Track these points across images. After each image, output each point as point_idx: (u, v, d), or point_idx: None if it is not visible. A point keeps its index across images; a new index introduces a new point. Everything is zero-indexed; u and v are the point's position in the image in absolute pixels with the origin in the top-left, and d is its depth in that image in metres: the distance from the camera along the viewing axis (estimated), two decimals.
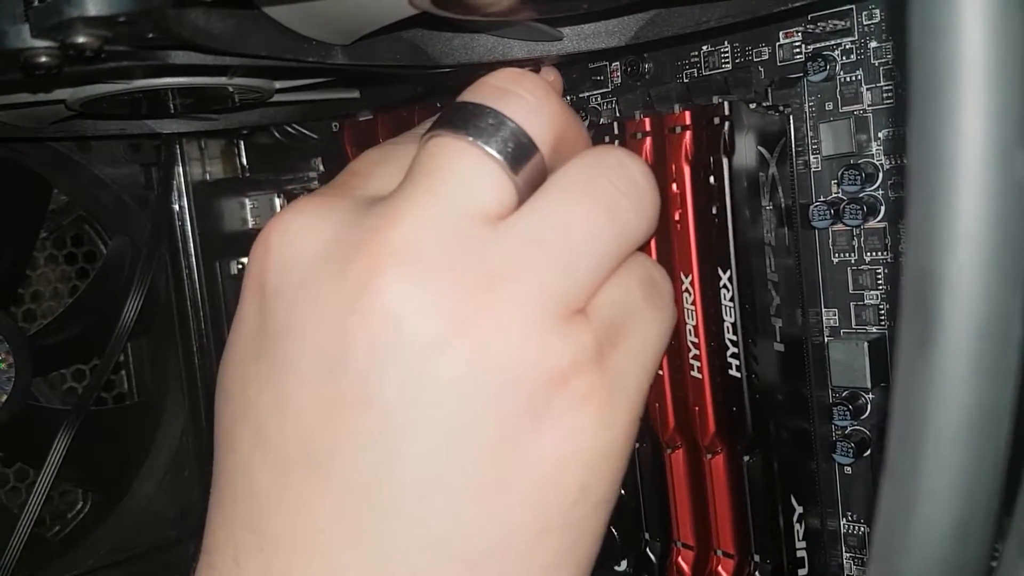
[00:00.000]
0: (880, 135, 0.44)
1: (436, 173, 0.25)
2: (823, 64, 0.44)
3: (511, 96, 0.27)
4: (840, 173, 0.44)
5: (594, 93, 0.54)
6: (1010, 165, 0.18)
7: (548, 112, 0.27)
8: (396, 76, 0.49)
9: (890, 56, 0.43)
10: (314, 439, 0.24)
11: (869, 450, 0.45)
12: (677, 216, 0.44)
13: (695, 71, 0.49)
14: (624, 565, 0.55)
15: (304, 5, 0.33)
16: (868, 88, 0.44)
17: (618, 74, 0.52)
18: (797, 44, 0.45)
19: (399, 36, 0.41)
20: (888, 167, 0.44)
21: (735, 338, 0.43)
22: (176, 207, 0.68)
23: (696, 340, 0.44)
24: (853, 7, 0.43)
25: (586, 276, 0.25)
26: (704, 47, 0.48)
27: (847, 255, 0.45)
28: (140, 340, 0.69)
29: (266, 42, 0.34)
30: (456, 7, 0.33)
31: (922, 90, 0.18)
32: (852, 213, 0.44)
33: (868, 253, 0.45)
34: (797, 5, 0.40)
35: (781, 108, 0.45)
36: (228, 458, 0.27)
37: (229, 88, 0.48)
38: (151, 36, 0.30)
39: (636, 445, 0.49)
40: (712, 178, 0.42)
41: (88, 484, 0.67)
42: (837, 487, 0.47)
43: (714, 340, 0.43)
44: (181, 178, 0.67)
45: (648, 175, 0.29)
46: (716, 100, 0.43)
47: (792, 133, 0.45)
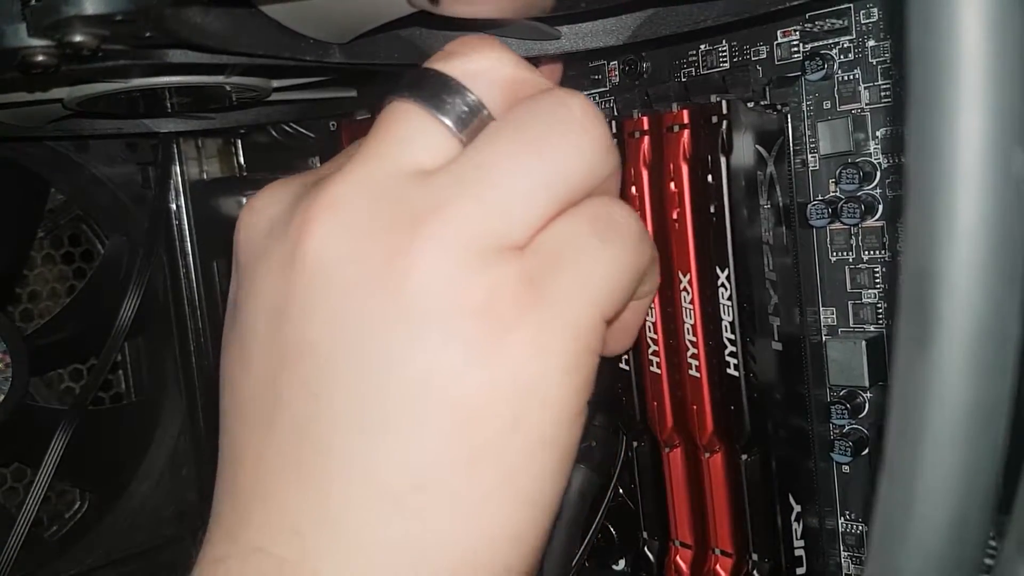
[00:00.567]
0: (878, 134, 0.44)
1: (379, 135, 0.27)
2: (821, 63, 0.44)
3: (457, 57, 0.28)
4: (838, 172, 0.44)
5: (592, 92, 0.53)
6: (1008, 163, 0.18)
7: (497, 70, 0.28)
8: (394, 75, 0.49)
9: (888, 55, 0.43)
10: (267, 391, 0.26)
11: (867, 449, 0.45)
12: (675, 215, 0.44)
13: (693, 70, 0.49)
14: (622, 564, 0.55)
15: (301, 4, 0.33)
16: (866, 87, 0.44)
17: (616, 73, 0.52)
18: (795, 43, 0.45)
19: (397, 35, 0.41)
20: (886, 166, 0.44)
21: (733, 337, 0.43)
22: (173, 206, 0.67)
23: (694, 339, 0.44)
24: (851, 6, 0.43)
25: (515, 213, 0.25)
26: (702, 46, 0.48)
27: (845, 254, 0.45)
28: (137, 340, 0.69)
29: (263, 41, 0.34)
30: (453, 6, 0.33)
31: (920, 88, 0.18)
32: (850, 212, 0.44)
33: (866, 252, 0.45)
34: (795, 4, 0.40)
35: (779, 107, 0.45)
36: (220, 429, 0.29)
37: (226, 87, 0.48)
38: (148, 35, 0.30)
39: (634, 444, 0.49)
40: (710, 177, 0.42)
41: (86, 484, 0.67)
42: (835, 486, 0.47)
43: (712, 339, 0.43)
44: (178, 177, 0.67)
45: (588, 112, 0.28)
46: (714, 99, 0.43)
47: (790, 132, 0.45)
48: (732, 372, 0.43)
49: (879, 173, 0.44)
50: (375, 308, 0.24)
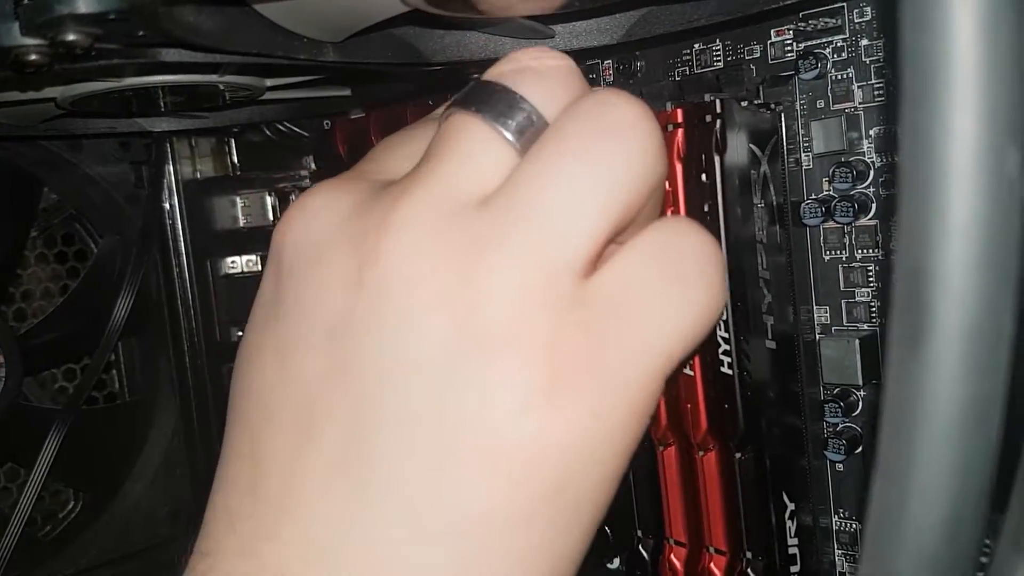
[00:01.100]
0: (871, 133, 0.44)
1: (445, 151, 0.26)
2: (814, 62, 0.44)
3: (527, 73, 0.27)
4: (831, 171, 0.44)
5: None
6: (1001, 161, 0.18)
7: (562, 88, 0.27)
8: (388, 74, 0.49)
9: (881, 54, 0.43)
10: (312, 403, 0.25)
11: (860, 447, 0.45)
12: (669, 213, 0.44)
13: (687, 69, 0.49)
14: (617, 563, 0.56)
15: (295, 2, 0.33)
16: (859, 86, 0.44)
17: (610, 72, 0.52)
18: (788, 42, 0.45)
19: (391, 33, 0.41)
20: (879, 165, 0.44)
21: (727, 335, 0.43)
22: (167, 205, 0.67)
23: None
24: (844, 5, 0.44)
25: (571, 232, 0.24)
26: (696, 45, 0.48)
27: (838, 252, 0.45)
28: (131, 340, 0.69)
29: (257, 39, 0.34)
30: (448, 4, 0.33)
31: (913, 86, 0.18)
32: (843, 211, 0.44)
33: (859, 250, 0.45)
34: (788, 3, 0.40)
35: (772, 106, 0.45)
36: (235, 429, 0.27)
37: (220, 86, 0.48)
38: (141, 34, 0.30)
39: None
40: (704, 176, 0.42)
41: (79, 484, 0.67)
42: (829, 484, 0.47)
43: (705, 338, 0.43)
44: (171, 176, 0.67)
45: (634, 112, 0.26)
46: (708, 98, 0.43)
47: (784, 131, 0.45)
48: (726, 370, 0.43)
49: (872, 172, 0.44)
50: (440, 335, 0.23)
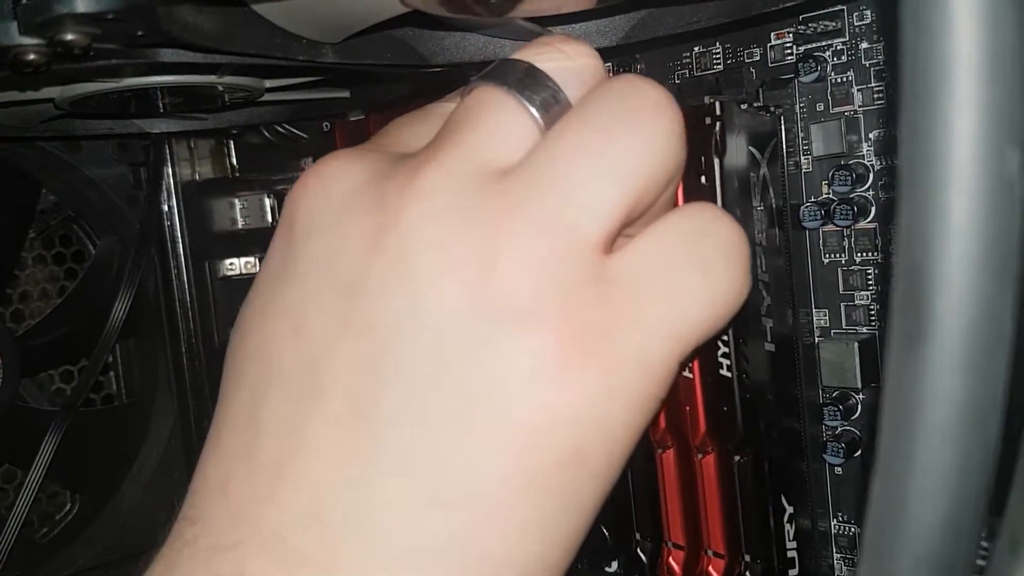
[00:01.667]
0: (871, 136, 0.44)
1: (471, 121, 0.26)
2: (814, 65, 0.44)
3: (553, 52, 0.27)
4: (831, 174, 0.44)
5: None
6: (1001, 162, 0.18)
7: (588, 69, 0.27)
8: (387, 75, 0.49)
9: (881, 57, 0.43)
10: (321, 364, 0.24)
11: (859, 450, 0.45)
12: None
13: (687, 72, 0.49)
14: (615, 566, 0.55)
15: (294, 3, 0.33)
16: (859, 89, 0.44)
17: (610, 75, 0.52)
18: (788, 45, 0.45)
19: (390, 35, 0.41)
20: (879, 168, 0.44)
21: (726, 338, 0.43)
22: (165, 207, 0.67)
23: None
24: (844, 8, 0.44)
25: (592, 206, 0.24)
26: (696, 48, 0.48)
27: (838, 255, 0.45)
28: (129, 341, 0.69)
29: (256, 40, 0.34)
30: (447, 5, 0.33)
31: (913, 86, 0.18)
32: (843, 214, 0.44)
33: (859, 253, 0.45)
34: (788, 5, 0.40)
35: (772, 109, 0.45)
36: (235, 395, 0.26)
37: (219, 87, 0.48)
38: (140, 34, 0.30)
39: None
40: (703, 178, 0.42)
41: (76, 486, 0.67)
42: (827, 487, 0.47)
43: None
44: (170, 178, 0.67)
45: (660, 97, 0.26)
46: (707, 100, 0.43)
47: (783, 134, 0.45)
48: (725, 373, 0.43)
49: (872, 175, 0.44)
50: (457, 301, 0.23)
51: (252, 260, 0.71)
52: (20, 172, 0.62)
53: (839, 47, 0.44)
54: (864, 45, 0.43)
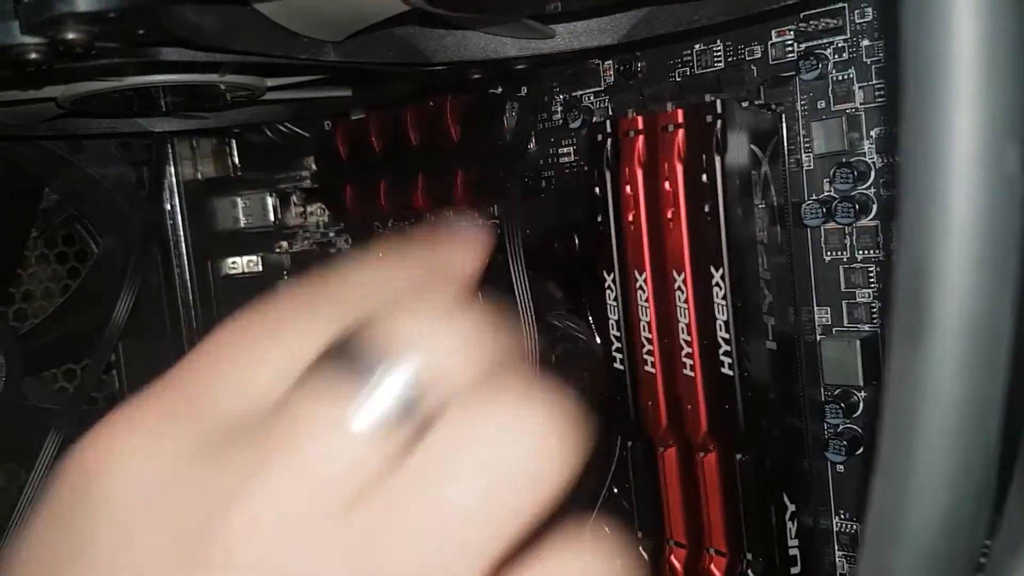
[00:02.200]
0: (872, 133, 0.44)
1: (301, 439, 0.20)
2: (815, 62, 0.44)
3: (425, 349, 0.21)
4: (832, 171, 0.44)
5: (587, 92, 0.54)
6: (1001, 159, 0.18)
7: (465, 365, 0.21)
8: (388, 74, 0.49)
9: (883, 54, 0.43)
10: None
11: (861, 448, 0.45)
12: (669, 214, 0.44)
13: (688, 70, 0.49)
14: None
15: (295, 1, 0.33)
16: (860, 86, 0.44)
17: (611, 73, 0.52)
18: (789, 43, 0.45)
19: (391, 33, 0.41)
20: (880, 165, 0.44)
21: (727, 336, 0.43)
22: (168, 206, 0.67)
23: (688, 338, 0.44)
24: (845, 5, 0.43)
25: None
26: (697, 46, 0.48)
27: (839, 253, 0.45)
28: (132, 340, 0.69)
29: (257, 39, 0.34)
30: (448, 2, 0.33)
31: (914, 83, 0.18)
32: (844, 211, 0.44)
33: (860, 251, 0.45)
34: (789, 3, 0.40)
35: (773, 106, 0.45)
36: None
37: (220, 86, 0.48)
38: (142, 33, 0.30)
39: (628, 443, 0.49)
40: (704, 176, 0.42)
41: None
42: (830, 485, 0.47)
43: (706, 338, 0.43)
44: (172, 177, 0.67)
45: (552, 432, 0.20)
46: (708, 98, 0.43)
47: (784, 131, 0.45)
48: (726, 371, 0.43)
49: (873, 173, 0.44)
50: None
51: (254, 258, 0.71)
52: (23, 171, 0.62)
53: (840, 44, 0.44)
54: (865, 42, 0.43)
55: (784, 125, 0.45)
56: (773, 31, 0.46)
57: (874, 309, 0.45)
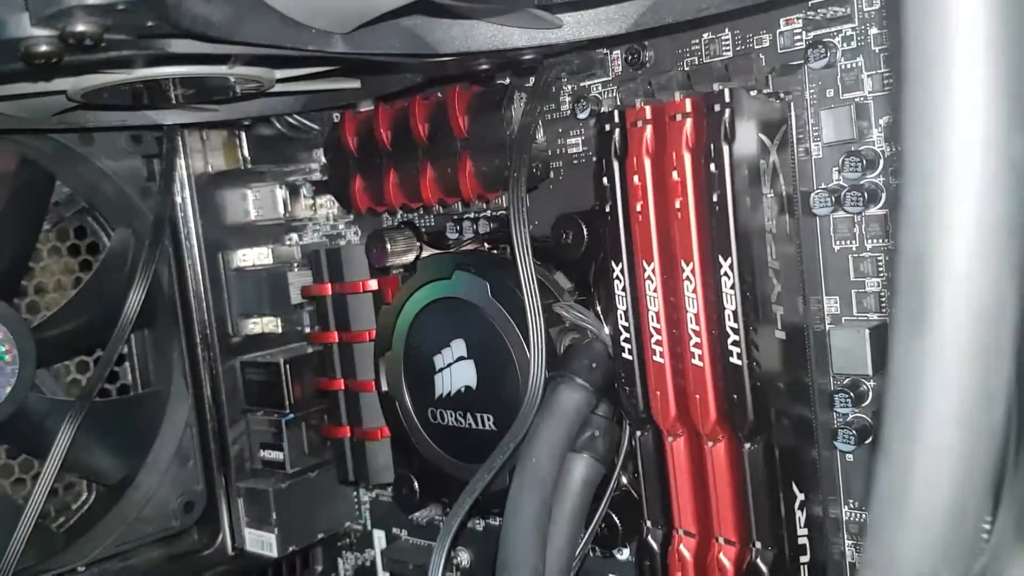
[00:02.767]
0: (881, 122, 0.44)
1: None
2: (824, 51, 0.44)
3: None
4: (841, 160, 0.44)
5: (595, 82, 0.53)
6: (1006, 146, 0.18)
7: None
8: (396, 65, 0.49)
9: (890, 41, 0.43)
10: None
11: (870, 437, 0.45)
12: (678, 204, 0.44)
13: (696, 59, 0.49)
14: (626, 553, 0.56)
15: None
16: (869, 75, 0.44)
17: (619, 62, 0.52)
18: (798, 31, 0.45)
19: (399, 24, 0.41)
20: (889, 154, 0.43)
21: (736, 326, 0.43)
22: (178, 199, 0.68)
23: (697, 328, 0.44)
24: None
25: None
26: (705, 35, 0.48)
27: (848, 242, 0.45)
28: (143, 332, 0.69)
29: (266, 30, 0.34)
30: None
31: (917, 70, 0.18)
32: (853, 200, 0.44)
33: (869, 240, 0.45)
34: None
35: (782, 95, 0.45)
36: None
37: (230, 78, 0.48)
38: (151, 25, 0.30)
39: (637, 433, 0.49)
40: (713, 166, 0.42)
41: (92, 476, 0.68)
42: (839, 474, 0.47)
43: (715, 328, 0.43)
44: (183, 170, 0.68)
45: None
46: (717, 88, 0.43)
47: (793, 120, 0.45)
48: (735, 361, 0.43)
49: (882, 161, 0.44)
50: None
51: (265, 251, 0.72)
52: (34, 165, 0.62)
53: (848, 33, 0.44)
54: (873, 31, 0.43)
55: (793, 114, 0.45)
56: (781, 20, 0.46)
57: (883, 298, 0.45)
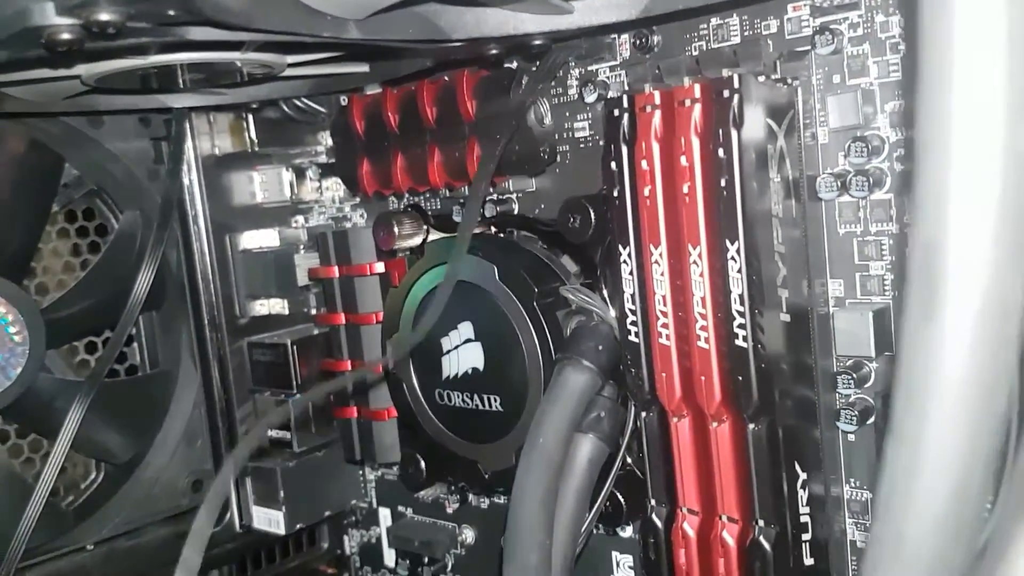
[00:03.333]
0: (887, 108, 0.44)
1: None
2: (831, 37, 0.44)
3: None
4: (847, 145, 0.45)
5: (603, 66, 0.54)
6: (1018, 139, 0.18)
7: None
8: (407, 50, 0.49)
9: (897, 30, 0.43)
10: None
11: (872, 418, 0.46)
12: (685, 188, 0.44)
13: (704, 44, 0.49)
14: (629, 531, 0.57)
15: None
16: (875, 61, 0.44)
17: (627, 47, 0.53)
18: (805, 17, 0.46)
19: (412, 11, 0.41)
20: (894, 140, 0.44)
21: (742, 309, 0.43)
22: (186, 181, 0.68)
23: (704, 311, 0.45)
24: None
25: None
26: (713, 20, 0.49)
27: (853, 226, 0.46)
28: (152, 313, 0.70)
29: (283, 18, 0.35)
30: None
31: (931, 63, 0.19)
32: (858, 185, 0.44)
33: (874, 224, 0.45)
34: None
35: (789, 81, 0.46)
36: None
37: (238, 63, 0.48)
38: (172, 13, 0.31)
39: (643, 414, 0.50)
40: (721, 151, 0.42)
41: (101, 455, 0.68)
42: (840, 454, 0.48)
43: (721, 311, 0.44)
44: (190, 152, 0.68)
45: None
46: (726, 73, 0.44)
47: (800, 105, 0.46)
48: (741, 343, 0.44)
49: (887, 147, 0.44)
50: None
51: (272, 233, 0.72)
52: (44, 147, 0.62)
53: (855, 20, 0.44)
54: (880, 18, 0.44)
55: (799, 99, 0.46)
56: (789, 5, 0.46)
57: (887, 281, 0.45)
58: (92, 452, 0.68)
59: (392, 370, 0.61)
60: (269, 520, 0.71)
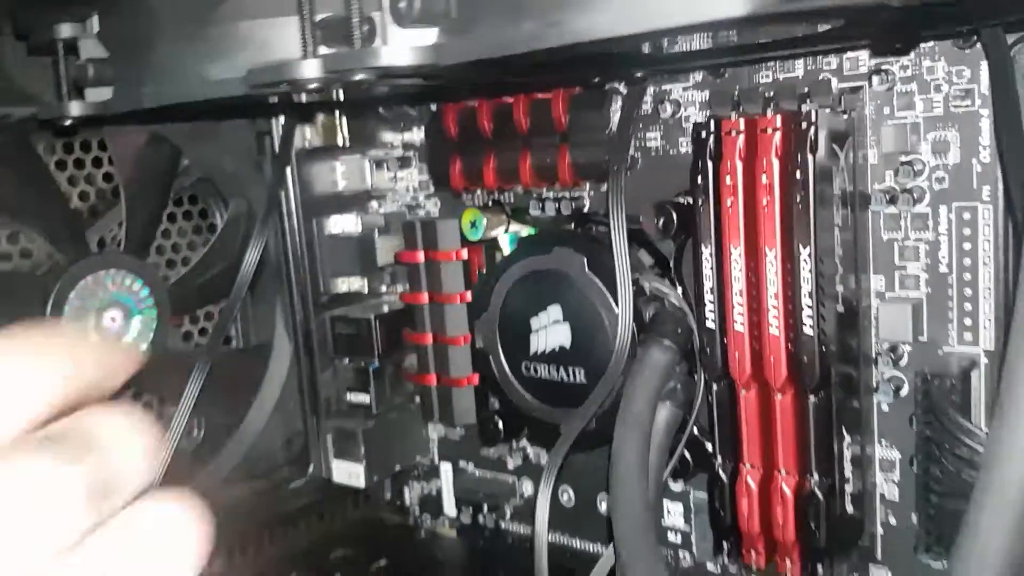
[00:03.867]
0: (928, 137, 0.54)
1: None
2: (885, 77, 0.54)
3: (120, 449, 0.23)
4: (896, 168, 0.54)
5: (675, 85, 0.63)
6: None
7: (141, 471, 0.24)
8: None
9: (942, 73, 0.52)
10: None
11: (904, 391, 0.56)
12: (764, 201, 0.53)
13: (771, 73, 0.58)
14: (680, 484, 0.66)
15: None
16: (921, 98, 0.53)
17: (700, 71, 0.61)
18: (863, 58, 0.55)
19: None
20: (933, 164, 0.53)
21: (810, 302, 0.53)
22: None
23: (776, 304, 0.54)
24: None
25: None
26: (777, 57, 0.58)
27: (895, 233, 0.55)
28: (251, 291, 0.78)
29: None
30: None
31: None
32: (904, 200, 0.54)
33: (913, 232, 0.55)
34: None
35: (849, 112, 0.55)
36: None
37: None
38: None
39: (714, 386, 0.59)
40: (799, 172, 0.52)
41: (209, 415, 0.76)
42: (874, 421, 0.58)
43: (791, 303, 0.53)
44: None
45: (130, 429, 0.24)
46: (804, 108, 0.53)
47: (856, 133, 0.55)
48: (808, 331, 0.53)
49: (927, 169, 0.54)
50: None
51: (353, 217, 0.80)
52: (168, 143, 0.70)
53: (905, 63, 0.54)
54: (926, 63, 0.53)
55: (856, 128, 0.55)
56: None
57: (921, 280, 0.55)
58: (203, 411, 0.76)
59: (481, 346, 0.70)
60: (349, 474, 0.80)
